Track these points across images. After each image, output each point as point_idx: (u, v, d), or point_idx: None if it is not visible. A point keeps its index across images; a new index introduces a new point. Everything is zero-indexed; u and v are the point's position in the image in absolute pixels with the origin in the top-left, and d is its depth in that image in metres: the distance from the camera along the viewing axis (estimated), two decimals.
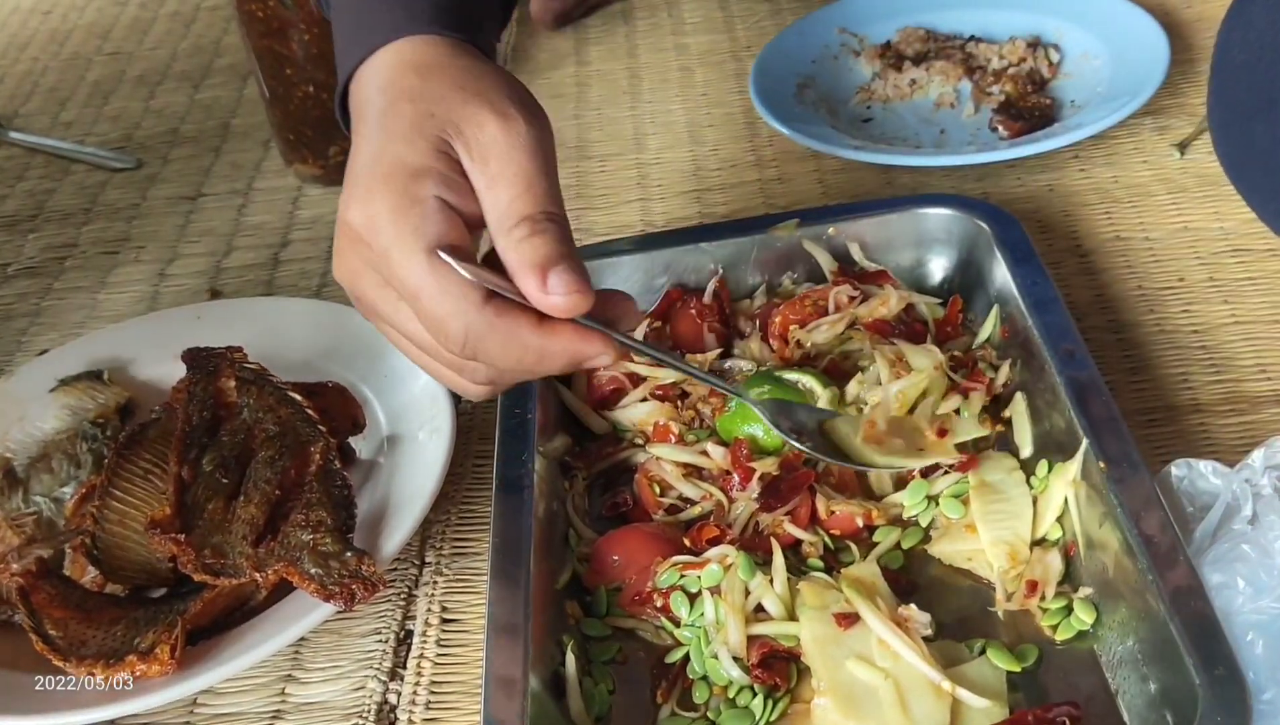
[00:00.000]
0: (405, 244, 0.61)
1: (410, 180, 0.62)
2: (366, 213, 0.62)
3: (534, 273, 0.60)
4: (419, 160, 0.62)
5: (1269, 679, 0.60)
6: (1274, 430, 0.77)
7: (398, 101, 0.65)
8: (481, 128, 0.63)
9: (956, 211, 0.87)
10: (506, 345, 0.62)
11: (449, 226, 0.62)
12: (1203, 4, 1.18)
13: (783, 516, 0.73)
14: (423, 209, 0.61)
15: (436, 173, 0.62)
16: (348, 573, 0.70)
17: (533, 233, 0.61)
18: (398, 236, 0.61)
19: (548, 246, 0.61)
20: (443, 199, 0.62)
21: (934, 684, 0.62)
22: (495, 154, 0.63)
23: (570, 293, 0.60)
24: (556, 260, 0.60)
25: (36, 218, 1.19)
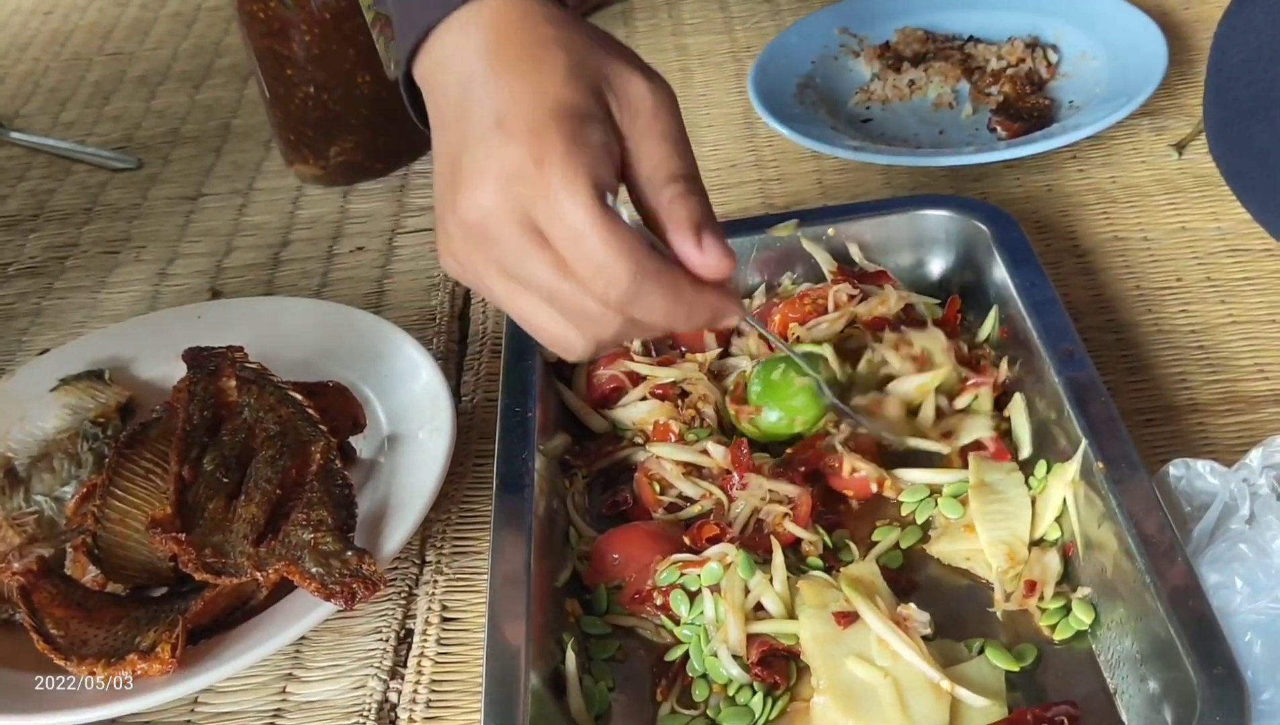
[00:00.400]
0: (577, 184, 0.58)
1: (580, 122, 0.60)
2: (536, 151, 0.58)
3: (690, 231, 0.61)
4: (585, 104, 0.60)
5: (1267, 678, 0.60)
6: (1272, 430, 0.77)
7: (542, 46, 0.61)
8: (631, 84, 0.62)
9: (955, 212, 0.87)
10: (665, 296, 0.60)
11: (613, 173, 0.61)
12: (1201, 5, 1.18)
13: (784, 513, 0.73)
14: (593, 152, 0.59)
15: (600, 119, 0.61)
16: (348, 572, 0.70)
17: (688, 191, 0.62)
18: (569, 177, 0.58)
19: (702, 207, 0.62)
20: (607, 146, 0.60)
21: (933, 683, 0.62)
22: (645, 110, 0.62)
23: (724, 256, 0.61)
24: (709, 222, 0.61)
25: (37, 217, 1.19)
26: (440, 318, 0.97)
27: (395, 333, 0.88)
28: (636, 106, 0.62)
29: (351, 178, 1.15)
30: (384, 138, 1.14)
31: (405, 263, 1.05)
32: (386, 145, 1.15)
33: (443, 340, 0.95)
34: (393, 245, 1.07)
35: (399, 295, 1.01)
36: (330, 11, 1.06)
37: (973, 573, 0.72)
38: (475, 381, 0.91)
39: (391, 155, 1.15)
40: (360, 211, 1.12)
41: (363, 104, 1.11)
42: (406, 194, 1.13)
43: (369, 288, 1.03)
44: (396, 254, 1.06)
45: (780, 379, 0.78)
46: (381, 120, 1.12)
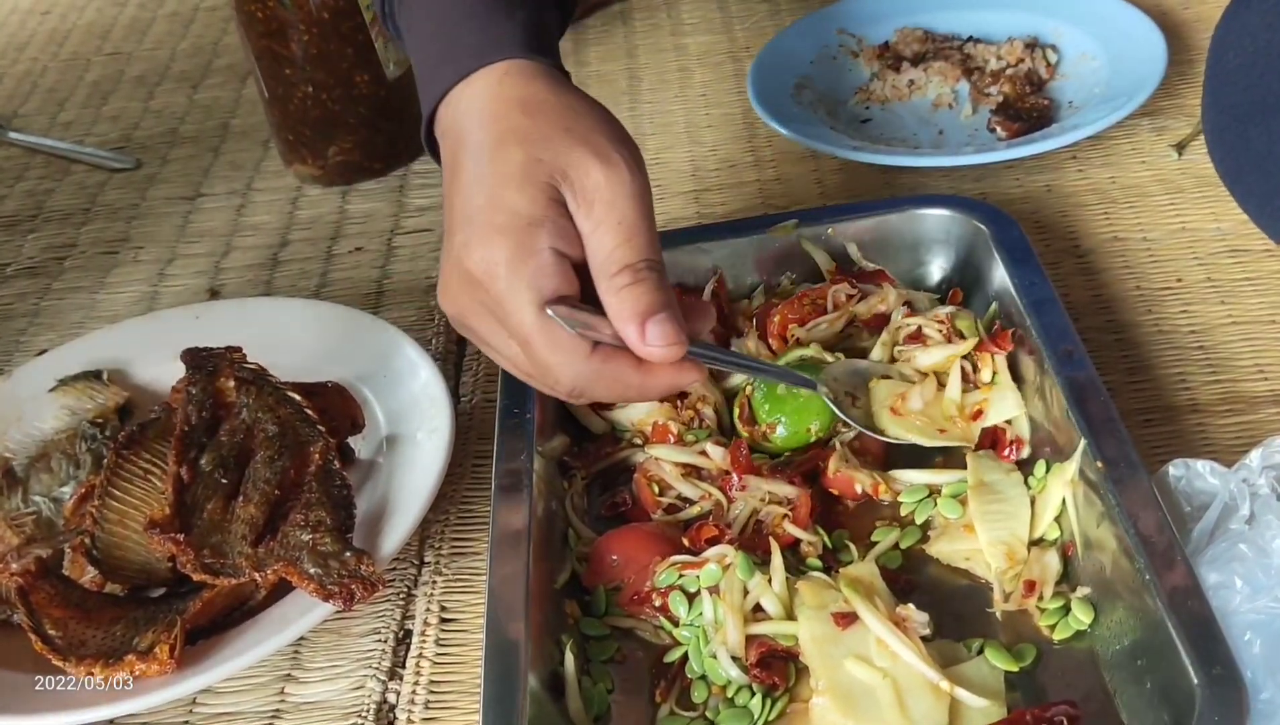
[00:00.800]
0: (520, 296, 0.65)
1: (526, 232, 0.65)
2: (485, 260, 0.65)
3: (634, 322, 0.64)
4: (533, 210, 0.65)
5: (1266, 678, 0.60)
6: (1271, 430, 0.77)
7: (506, 144, 0.67)
8: (587, 174, 0.65)
9: (955, 212, 0.87)
10: (611, 387, 0.67)
11: (561, 278, 0.65)
12: (1200, 5, 1.18)
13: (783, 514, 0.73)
14: (538, 261, 0.65)
15: (550, 222, 0.65)
16: (347, 572, 0.70)
17: (634, 281, 0.65)
18: (513, 288, 0.65)
19: (647, 296, 0.65)
20: (556, 251, 0.65)
21: (932, 683, 0.62)
22: (600, 200, 0.65)
23: (667, 344, 0.65)
24: (655, 310, 0.64)
25: (36, 218, 1.19)
26: (439, 318, 0.97)
27: (394, 333, 0.88)
28: (591, 198, 0.66)
29: (350, 178, 1.15)
30: (383, 138, 1.14)
31: (404, 263, 1.05)
32: (385, 145, 1.14)
33: (441, 341, 0.95)
34: (391, 245, 1.07)
35: (398, 296, 1.01)
36: (328, 11, 1.06)
37: (972, 573, 0.71)
38: (474, 382, 0.91)
39: (390, 155, 1.15)
40: (359, 212, 1.12)
41: (361, 104, 1.11)
42: (405, 194, 1.13)
43: (368, 288, 1.03)
44: (395, 254, 1.06)
45: (786, 393, 0.78)
46: (380, 120, 1.12)
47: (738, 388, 0.82)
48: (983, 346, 0.80)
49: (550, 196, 0.65)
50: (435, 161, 0.73)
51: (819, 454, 0.77)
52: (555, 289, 0.65)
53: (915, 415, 0.77)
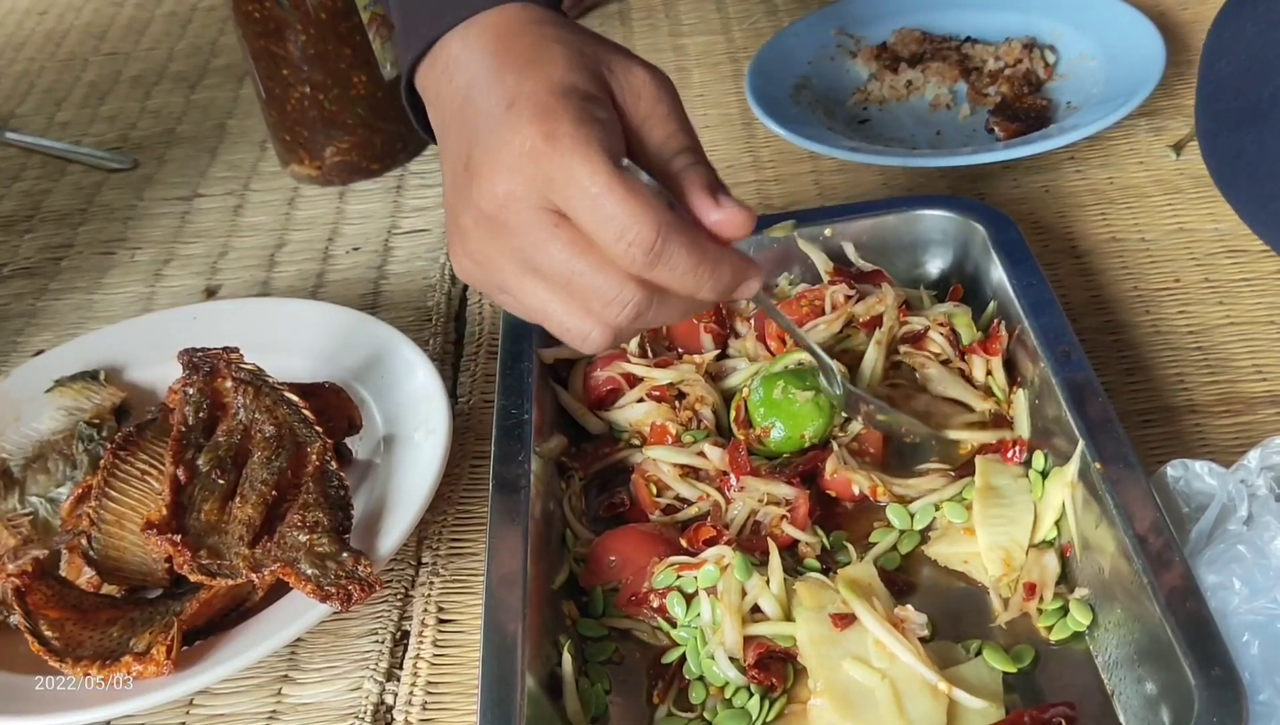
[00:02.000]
0: (592, 152, 0.59)
1: (586, 100, 0.61)
2: (547, 128, 0.59)
3: (706, 194, 0.61)
4: (589, 86, 0.62)
5: (1264, 679, 0.60)
6: (1269, 431, 0.77)
7: (544, 43, 0.63)
8: (631, 71, 0.64)
9: (953, 213, 0.87)
10: (691, 250, 0.60)
11: (622, 145, 0.62)
12: (1199, 5, 1.18)
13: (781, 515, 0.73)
14: (603, 125, 0.60)
15: (604, 100, 0.62)
16: (344, 573, 0.69)
17: (699, 161, 0.63)
18: (583, 147, 0.59)
19: (712, 174, 0.63)
20: (614, 121, 0.62)
21: (930, 685, 0.62)
22: (648, 94, 0.63)
23: (743, 211, 0.61)
24: (721, 187, 0.62)
25: (32, 218, 1.19)
26: (436, 319, 0.97)
27: (391, 334, 0.88)
28: (639, 90, 0.63)
29: (347, 178, 1.15)
30: (380, 138, 1.14)
31: (401, 263, 1.05)
32: (383, 145, 1.14)
33: (439, 341, 0.95)
34: (389, 246, 1.07)
35: (395, 296, 1.01)
36: (326, 11, 1.06)
37: (969, 576, 0.71)
38: (472, 383, 0.91)
39: (387, 155, 1.15)
40: (356, 212, 1.12)
41: (359, 104, 1.11)
42: (402, 194, 1.13)
43: (365, 288, 1.03)
44: (393, 255, 1.06)
45: (783, 397, 0.77)
46: (377, 120, 1.12)
47: (735, 389, 0.82)
48: (971, 350, 0.80)
49: (601, 80, 0.63)
50: (417, 124, 0.71)
51: (817, 455, 0.77)
52: (621, 150, 0.61)
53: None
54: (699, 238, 0.60)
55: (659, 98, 0.64)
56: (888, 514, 0.74)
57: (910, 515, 0.74)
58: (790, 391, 0.77)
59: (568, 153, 0.59)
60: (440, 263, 1.03)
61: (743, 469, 0.75)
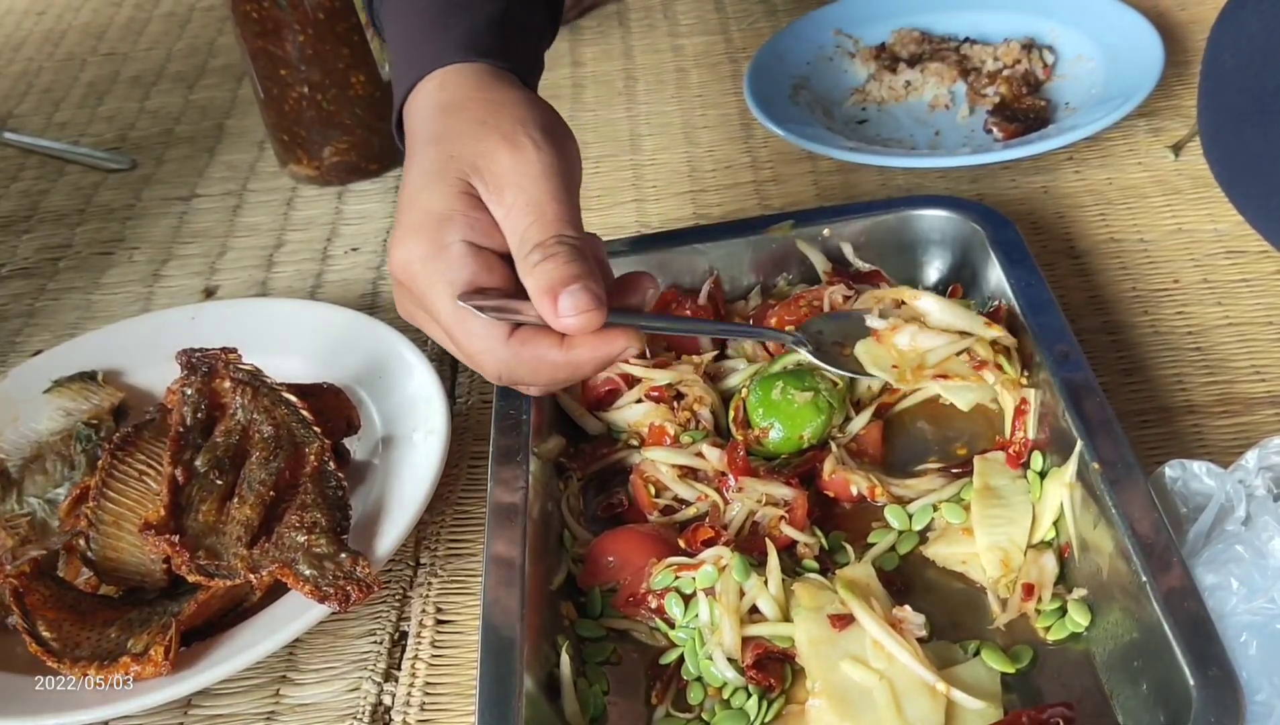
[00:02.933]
0: (436, 291, 0.67)
1: (436, 228, 0.67)
2: (403, 259, 0.68)
3: (546, 297, 0.65)
4: (443, 206, 0.67)
5: (1262, 679, 0.60)
6: (1268, 431, 0.77)
7: (426, 145, 0.69)
8: (495, 161, 0.67)
9: (951, 213, 0.87)
10: (536, 369, 0.67)
11: (477, 268, 0.67)
12: (1197, 6, 1.18)
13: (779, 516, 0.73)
14: (449, 255, 0.66)
15: (460, 216, 0.67)
16: (342, 574, 0.69)
17: (544, 258, 0.65)
18: (429, 284, 0.67)
19: (557, 270, 0.64)
20: (469, 241, 0.67)
21: (928, 685, 0.62)
22: (509, 184, 0.67)
23: (580, 313, 0.64)
24: (566, 282, 0.64)
25: (31, 218, 1.19)
26: None
27: (390, 334, 0.88)
28: (501, 183, 0.67)
29: (345, 178, 1.15)
30: (378, 138, 1.14)
31: None
32: (380, 146, 1.14)
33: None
34: (387, 246, 1.07)
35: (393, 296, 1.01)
36: (324, 12, 1.06)
37: (968, 576, 0.71)
38: (470, 383, 0.91)
39: (385, 156, 1.15)
40: (354, 212, 1.12)
41: (357, 104, 1.11)
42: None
43: (363, 289, 1.03)
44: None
45: (781, 397, 0.77)
46: (375, 120, 1.12)
47: (734, 390, 0.82)
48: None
49: (461, 190, 0.67)
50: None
51: (816, 456, 0.77)
52: (469, 281, 0.66)
53: (893, 351, 0.78)
54: (543, 351, 0.66)
55: (519, 187, 0.67)
56: (886, 515, 0.74)
57: (908, 516, 0.74)
58: (789, 392, 0.77)
59: (422, 290, 0.67)
60: None
61: (741, 470, 0.75)
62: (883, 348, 0.77)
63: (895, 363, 0.77)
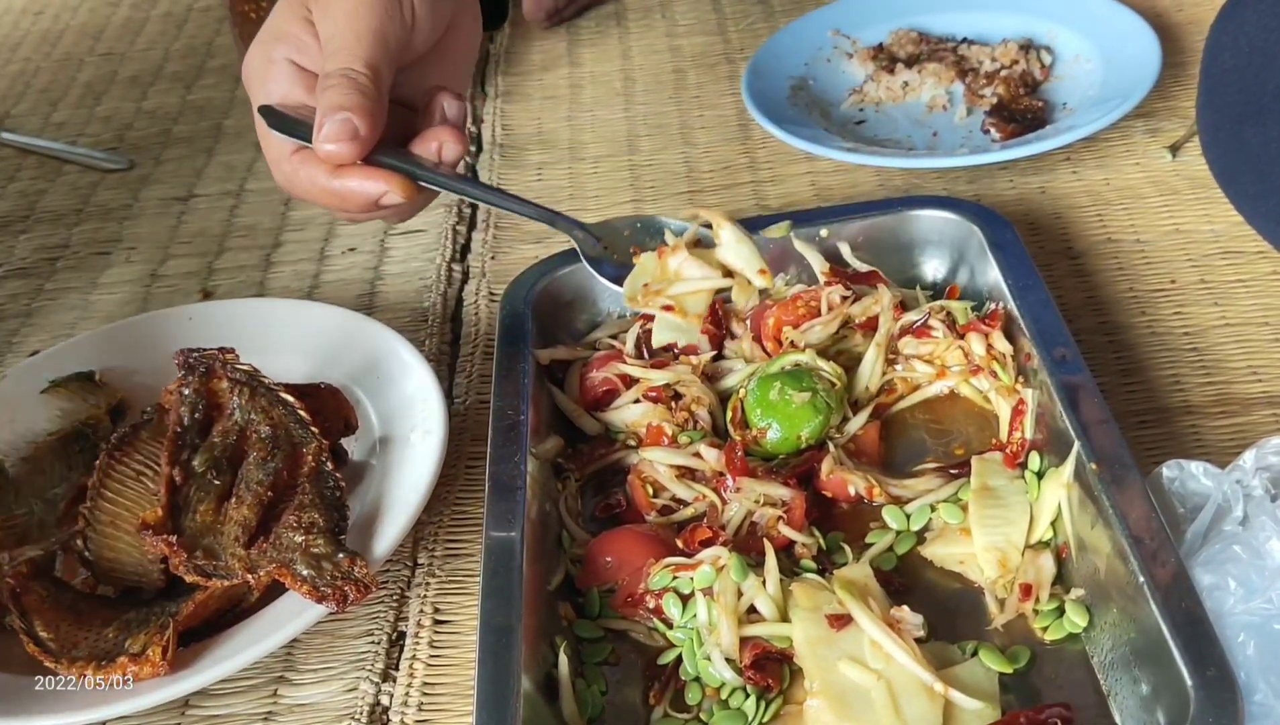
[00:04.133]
0: (255, 100, 0.75)
1: (270, 43, 0.75)
2: (245, 70, 0.77)
3: (316, 122, 0.71)
4: (282, 25, 0.75)
5: (1260, 680, 0.60)
6: (1265, 432, 0.77)
7: None
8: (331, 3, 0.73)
9: (949, 213, 0.87)
10: (308, 189, 0.73)
11: (292, 84, 0.74)
12: (1194, 7, 1.19)
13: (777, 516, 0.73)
14: (272, 70, 0.75)
15: (292, 37, 0.75)
16: (340, 574, 0.69)
17: (325, 88, 0.71)
18: (253, 93, 0.76)
19: (331, 99, 0.70)
20: (292, 61, 0.75)
21: (926, 685, 0.62)
22: (329, 16, 0.73)
23: (334, 141, 0.70)
24: (333, 111, 0.70)
25: (28, 219, 1.19)
26: (432, 320, 0.97)
27: (387, 334, 0.88)
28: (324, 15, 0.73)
29: None
30: None
31: (397, 264, 1.05)
32: None
33: (435, 342, 0.95)
34: (385, 247, 1.07)
35: (391, 297, 1.01)
36: None
37: (965, 577, 0.71)
38: (467, 384, 0.91)
39: None
40: None
41: None
42: None
43: (361, 289, 1.03)
44: (389, 255, 1.06)
45: (779, 398, 0.77)
46: None
47: (731, 390, 0.82)
48: (970, 327, 0.80)
49: (301, 15, 0.74)
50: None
51: (814, 456, 0.77)
52: (283, 95, 0.74)
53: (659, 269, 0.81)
54: (315, 173, 0.72)
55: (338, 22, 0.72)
56: (884, 515, 0.74)
57: (906, 516, 0.74)
58: (787, 392, 0.77)
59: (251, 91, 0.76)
60: (436, 264, 1.03)
61: (739, 470, 0.75)
62: (658, 263, 0.80)
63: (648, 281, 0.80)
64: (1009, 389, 0.77)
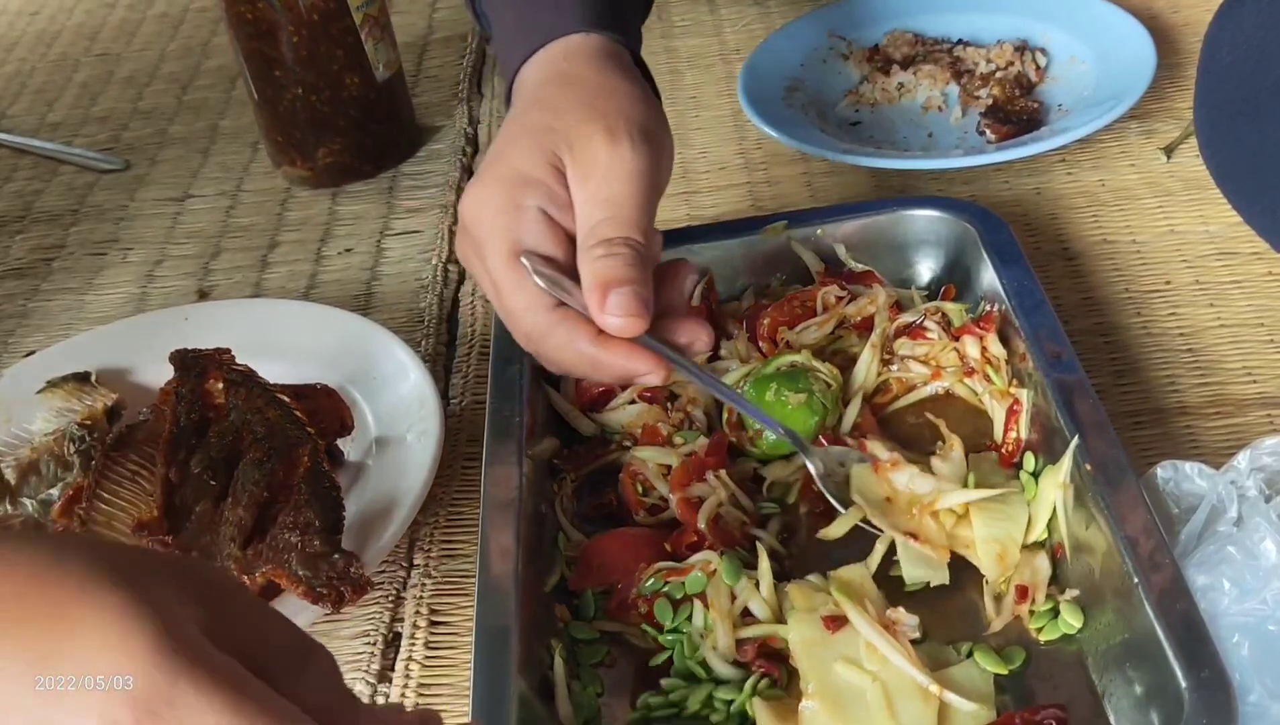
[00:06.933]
0: (497, 241, 0.68)
1: (518, 187, 0.68)
2: (476, 202, 0.69)
3: (598, 290, 0.66)
4: (531, 170, 0.68)
5: (1254, 680, 0.60)
6: (1259, 432, 0.77)
7: (531, 107, 0.71)
8: (590, 148, 0.68)
9: (944, 213, 0.87)
10: (563, 349, 0.68)
11: (543, 235, 0.68)
12: (1189, 9, 1.19)
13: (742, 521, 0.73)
14: (521, 215, 0.68)
15: (543, 185, 0.68)
16: (336, 575, 0.69)
17: (607, 254, 0.66)
18: (493, 233, 0.68)
19: (616, 269, 0.66)
20: (544, 210, 0.68)
21: (921, 687, 0.62)
22: (596, 175, 0.68)
23: (625, 316, 0.65)
24: (621, 283, 0.65)
25: (24, 219, 1.19)
26: (429, 320, 0.97)
27: (383, 335, 0.88)
28: (589, 171, 0.68)
29: (339, 179, 1.15)
30: (372, 140, 1.14)
31: (394, 265, 1.05)
32: (375, 147, 1.14)
33: (431, 343, 0.95)
34: (381, 247, 1.07)
35: (387, 297, 1.01)
36: (318, 13, 1.06)
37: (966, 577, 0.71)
38: (464, 384, 0.91)
39: (380, 157, 1.15)
40: (348, 213, 1.12)
41: (351, 106, 1.11)
42: (395, 196, 1.13)
43: (357, 290, 1.03)
44: (385, 256, 1.06)
45: (775, 399, 0.78)
46: (370, 122, 1.12)
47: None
48: (964, 330, 0.80)
49: (550, 162, 0.68)
50: None
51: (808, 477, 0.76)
52: (533, 244, 0.68)
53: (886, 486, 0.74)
54: (576, 335, 0.67)
55: (606, 179, 0.68)
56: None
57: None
58: (783, 393, 0.77)
59: (483, 237, 0.69)
60: (433, 264, 1.03)
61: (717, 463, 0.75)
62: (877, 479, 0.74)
63: (889, 496, 0.74)
64: (1003, 392, 0.77)
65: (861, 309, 0.84)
